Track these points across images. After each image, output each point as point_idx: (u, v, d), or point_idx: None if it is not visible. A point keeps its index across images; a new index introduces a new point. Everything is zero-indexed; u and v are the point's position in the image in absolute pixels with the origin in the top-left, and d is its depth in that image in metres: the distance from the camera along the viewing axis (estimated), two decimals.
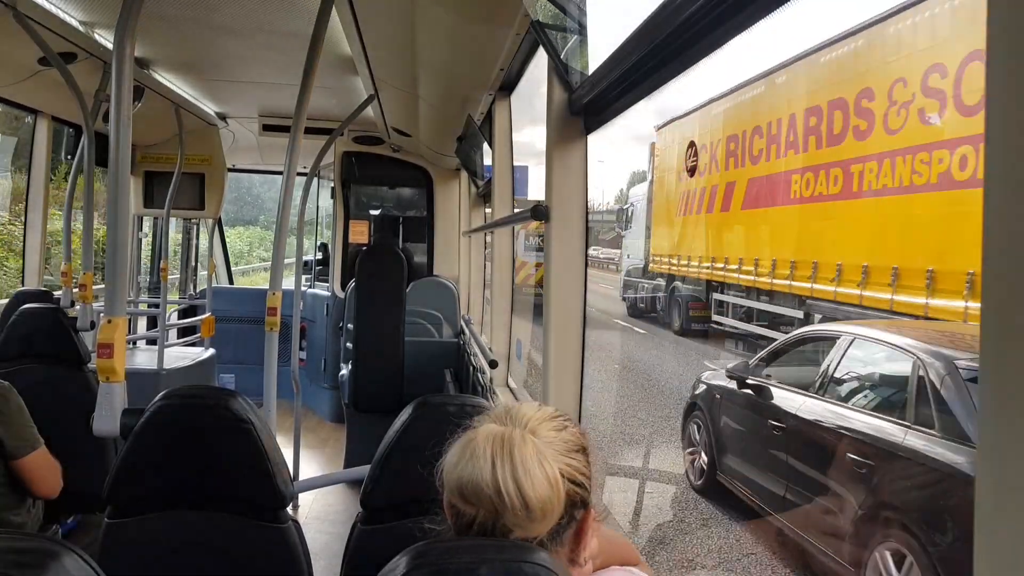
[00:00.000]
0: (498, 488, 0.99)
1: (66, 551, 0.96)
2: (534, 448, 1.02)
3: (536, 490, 1.00)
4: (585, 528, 1.08)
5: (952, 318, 6.21)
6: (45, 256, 5.57)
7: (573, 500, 1.05)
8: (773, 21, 1.20)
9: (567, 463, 1.05)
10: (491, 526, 1.00)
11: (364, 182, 7.13)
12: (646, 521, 5.81)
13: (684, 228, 12.79)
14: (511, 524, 0.99)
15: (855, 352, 5.15)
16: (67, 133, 6.11)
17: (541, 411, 1.11)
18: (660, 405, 9.20)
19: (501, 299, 4.12)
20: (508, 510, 0.99)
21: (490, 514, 1.00)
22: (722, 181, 11.17)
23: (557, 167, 2.22)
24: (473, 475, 1.00)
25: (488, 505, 0.99)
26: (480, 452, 1.01)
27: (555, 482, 1.02)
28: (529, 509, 0.99)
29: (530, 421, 1.07)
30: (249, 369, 6.09)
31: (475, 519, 1.01)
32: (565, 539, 1.06)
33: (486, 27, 2.88)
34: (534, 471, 1.00)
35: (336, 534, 4.23)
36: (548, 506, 1.01)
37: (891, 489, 4.22)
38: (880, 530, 4.14)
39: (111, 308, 2.35)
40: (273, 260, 3.61)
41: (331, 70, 4.38)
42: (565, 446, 1.07)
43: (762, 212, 10.14)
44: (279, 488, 1.84)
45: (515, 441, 1.02)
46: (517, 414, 1.09)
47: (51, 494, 2.64)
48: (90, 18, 3.79)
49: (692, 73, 1.49)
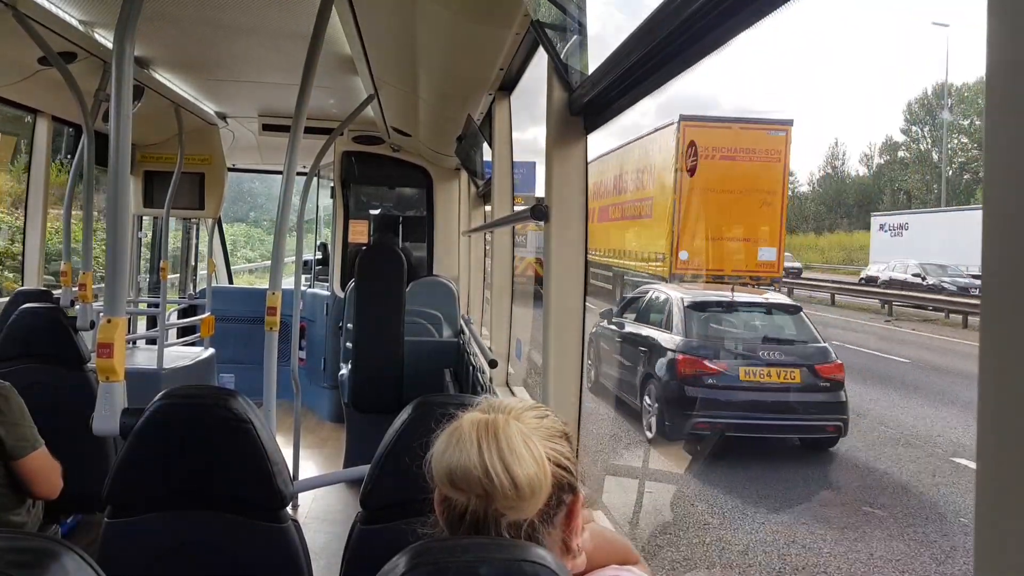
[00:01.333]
0: (486, 469, 1.00)
1: (66, 551, 0.96)
2: (518, 430, 1.05)
3: (524, 468, 1.01)
4: (575, 511, 1.10)
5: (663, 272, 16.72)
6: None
7: (561, 483, 1.07)
8: (773, 22, 1.21)
9: (551, 447, 1.08)
10: (483, 513, 1.01)
11: (364, 182, 7.13)
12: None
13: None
14: (503, 507, 1.01)
15: (652, 298, 10.29)
16: (67, 133, 6.11)
17: (524, 403, 1.15)
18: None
19: (501, 299, 4.12)
20: (498, 491, 1.00)
21: (481, 500, 1.01)
22: (594, 206, 20.51)
23: (557, 167, 2.22)
24: (461, 460, 1.02)
25: (478, 489, 1.01)
26: (466, 437, 1.03)
27: (541, 460, 1.04)
28: (518, 488, 1.01)
29: (513, 409, 1.10)
30: (249, 369, 6.09)
31: (467, 508, 1.02)
32: (557, 522, 1.07)
33: (486, 26, 2.88)
34: (520, 450, 1.02)
35: (336, 534, 4.23)
36: (536, 483, 1.02)
37: (650, 360, 9.03)
38: (647, 382, 8.96)
39: (111, 308, 2.35)
40: (273, 260, 3.61)
41: (331, 70, 4.38)
42: (548, 432, 1.10)
43: (604, 225, 21.31)
44: (279, 488, 1.84)
45: (499, 424, 1.05)
46: (500, 404, 1.12)
47: (51, 494, 2.64)
48: (90, 17, 3.79)
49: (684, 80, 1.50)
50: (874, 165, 51.40)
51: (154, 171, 6.63)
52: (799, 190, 55.02)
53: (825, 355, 8.54)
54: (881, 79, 70.38)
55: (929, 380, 11.76)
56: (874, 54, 70.85)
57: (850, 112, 76.44)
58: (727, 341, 9.06)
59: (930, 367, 12.76)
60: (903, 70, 74.31)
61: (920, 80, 79.50)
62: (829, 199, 51.82)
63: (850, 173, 53.19)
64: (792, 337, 8.89)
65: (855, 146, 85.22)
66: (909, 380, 11.75)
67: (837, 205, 51.11)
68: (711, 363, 8.37)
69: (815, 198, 52.75)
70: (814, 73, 74.89)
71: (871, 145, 64.18)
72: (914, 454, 8.38)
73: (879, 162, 51.07)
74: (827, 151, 59.55)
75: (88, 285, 4.79)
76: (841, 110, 77.24)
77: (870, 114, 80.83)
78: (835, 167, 54.01)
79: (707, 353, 8.57)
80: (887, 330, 17.10)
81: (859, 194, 50.45)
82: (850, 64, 73.72)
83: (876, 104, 76.96)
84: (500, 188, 3.95)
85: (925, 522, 6.54)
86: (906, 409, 10.09)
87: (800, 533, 6.26)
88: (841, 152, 55.27)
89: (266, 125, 6.17)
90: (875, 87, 72.48)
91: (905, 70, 75.37)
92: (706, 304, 9.49)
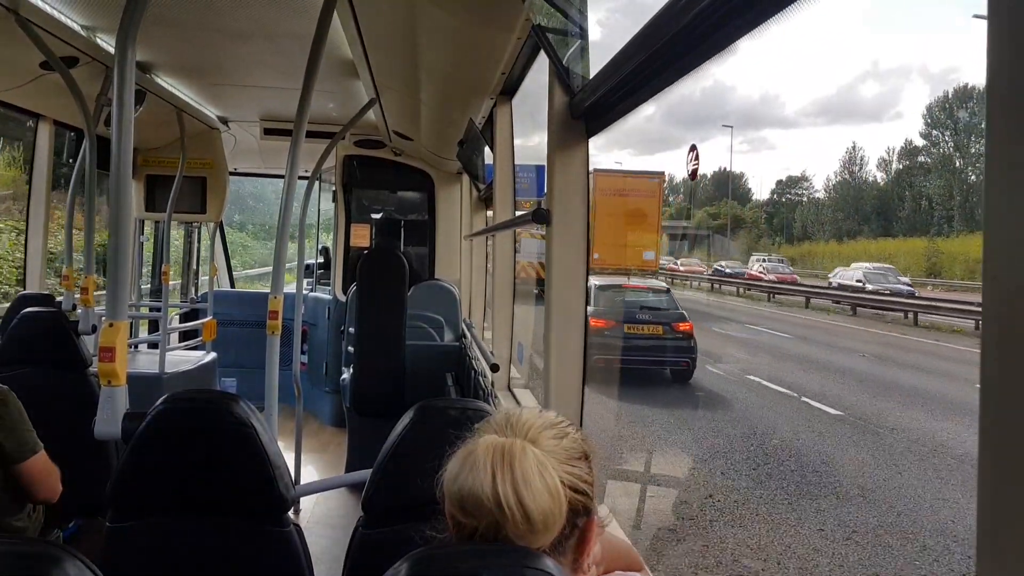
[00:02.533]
0: (499, 500, 0.98)
1: (68, 556, 0.96)
2: (535, 459, 1.01)
3: (537, 502, 0.99)
4: (588, 536, 1.07)
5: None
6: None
7: (575, 509, 1.04)
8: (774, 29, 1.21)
9: (568, 471, 1.04)
10: (492, 538, 0.99)
11: (365, 186, 7.14)
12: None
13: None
14: (513, 536, 0.98)
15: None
16: (68, 137, 6.12)
17: (542, 418, 1.10)
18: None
19: (502, 303, 4.12)
20: (509, 522, 0.98)
21: (491, 527, 0.98)
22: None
23: (559, 171, 2.22)
24: (473, 487, 0.99)
25: (489, 517, 0.98)
26: (480, 464, 1.00)
27: (556, 492, 1.01)
28: (531, 521, 0.98)
29: (531, 430, 1.06)
30: (250, 373, 6.09)
31: (476, 531, 0.99)
32: (568, 548, 1.05)
33: (487, 31, 2.88)
34: (535, 483, 0.99)
35: (337, 538, 4.22)
36: (550, 518, 1.00)
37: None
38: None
39: (113, 312, 2.35)
40: (275, 264, 3.61)
41: (332, 74, 4.39)
42: (566, 454, 1.06)
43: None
44: (281, 492, 1.84)
45: (515, 453, 1.01)
46: (517, 423, 1.08)
47: (51, 499, 2.64)
48: (92, 22, 3.80)
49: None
50: (892, 171, 50.84)
51: (156, 175, 6.64)
52: (815, 196, 54.47)
53: (682, 317, 13.30)
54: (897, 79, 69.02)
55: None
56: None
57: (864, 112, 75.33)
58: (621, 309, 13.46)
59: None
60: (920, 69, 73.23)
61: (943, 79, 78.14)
62: (847, 205, 51.36)
63: (867, 179, 52.60)
64: (660, 306, 13.69)
65: (874, 150, 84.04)
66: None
67: (855, 211, 50.56)
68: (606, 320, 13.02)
69: (831, 204, 52.24)
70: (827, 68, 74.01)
71: (890, 149, 63.03)
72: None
73: (898, 167, 50.37)
74: (844, 155, 58.49)
75: (90, 289, 4.80)
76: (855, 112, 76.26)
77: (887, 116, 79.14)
78: (852, 172, 53.56)
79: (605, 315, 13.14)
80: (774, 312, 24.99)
81: (878, 200, 49.89)
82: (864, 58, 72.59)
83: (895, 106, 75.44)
84: (501, 192, 3.95)
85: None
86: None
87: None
88: (859, 157, 54.67)
89: (268, 129, 6.18)
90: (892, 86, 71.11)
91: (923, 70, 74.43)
92: (608, 286, 14.42)
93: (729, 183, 58.03)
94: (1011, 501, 0.52)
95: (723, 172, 60.48)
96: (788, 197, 57.65)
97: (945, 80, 78.19)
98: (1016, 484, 0.51)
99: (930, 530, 6.97)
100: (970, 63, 58.02)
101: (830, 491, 7.98)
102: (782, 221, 55.53)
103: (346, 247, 7.04)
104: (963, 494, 7.75)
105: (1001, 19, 0.53)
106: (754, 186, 72.87)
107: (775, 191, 58.93)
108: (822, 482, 8.24)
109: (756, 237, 52.11)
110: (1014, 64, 0.53)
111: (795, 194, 57.69)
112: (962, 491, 7.85)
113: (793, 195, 57.76)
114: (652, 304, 13.57)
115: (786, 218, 55.66)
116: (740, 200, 58.07)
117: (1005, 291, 0.53)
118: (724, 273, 36.25)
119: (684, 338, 12.85)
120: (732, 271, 36.78)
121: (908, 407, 11.45)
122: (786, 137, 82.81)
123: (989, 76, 0.54)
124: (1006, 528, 0.52)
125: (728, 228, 51.04)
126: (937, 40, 74.81)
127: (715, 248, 47.41)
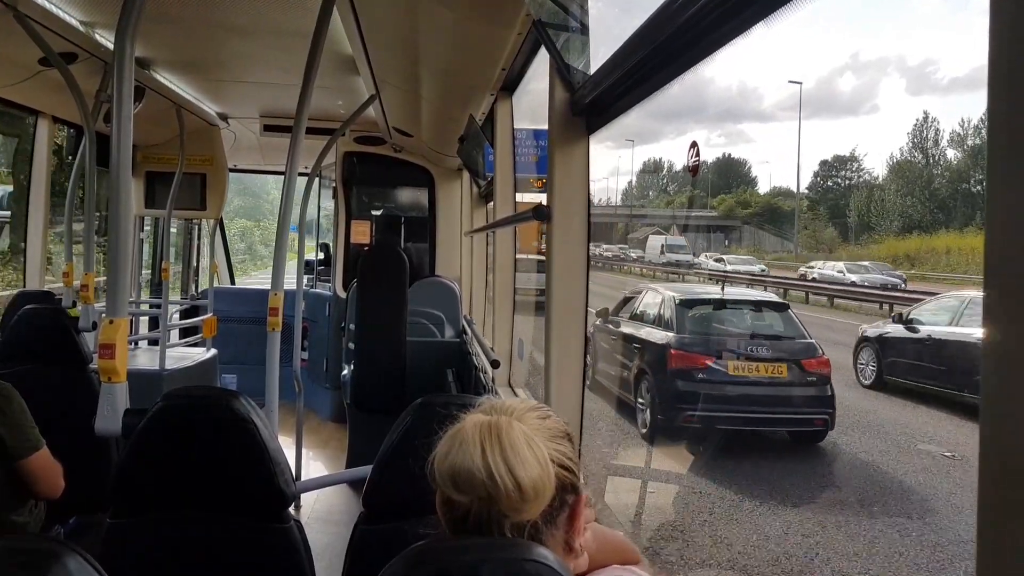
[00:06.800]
0: (490, 472, 1.00)
1: (68, 552, 0.96)
2: (521, 431, 1.05)
3: (527, 470, 1.01)
4: (578, 512, 1.10)
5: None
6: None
7: (563, 484, 1.07)
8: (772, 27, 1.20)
9: (554, 448, 1.08)
10: (486, 515, 1.01)
11: (366, 182, 7.13)
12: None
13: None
14: (506, 509, 1.01)
15: (646, 298, 10.58)
16: (68, 134, 6.11)
17: (524, 403, 1.15)
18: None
19: (503, 299, 4.12)
20: (501, 494, 1.00)
21: (484, 502, 1.00)
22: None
23: (559, 167, 2.21)
24: (464, 462, 1.01)
25: (481, 491, 1.00)
26: (469, 439, 1.03)
27: (545, 463, 1.04)
28: (522, 490, 1.00)
29: (515, 411, 1.10)
30: (251, 369, 6.09)
31: (469, 510, 1.01)
32: (560, 523, 1.08)
33: (488, 27, 2.88)
34: (523, 452, 1.02)
35: (338, 534, 4.22)
36: (540, 485, 1.02)
37: (644, 357, 9.40)
38: (641, 376, 9.34)
39: (113, 309, 2.35)
40: (275, 260, 3.61)
41: (332, 70, 4.38)
42: (550, 432, 1.10)
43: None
44: (281, 488, 1.84)
45: (502, 427, 1.04)
46: (502, 406, 1.12)
47: (53, 495, 2.64)
48: (91, 18, 3.79)
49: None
50: (968, 147, 36.23)
51: (155, 172, 6.63)
52: (872, 177, 40.20)
53: (811, 350, 8.78)
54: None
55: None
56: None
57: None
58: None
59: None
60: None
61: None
62: (918, 191, 37.27)
63: (940, 160, 37.81)
64: (779, 332, 9.22)
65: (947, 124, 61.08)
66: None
67: (928, 199, 38.77)
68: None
69: (899, 190, 37.96)
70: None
71: (964, 122, 42.12)
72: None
73: (973, 143, 36.16)
74: (912, 131, 41.08)
75: (90, 286, 4.80)
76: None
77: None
78: (925, 150, 38.58)
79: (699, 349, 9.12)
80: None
81: (952, 185, 36.77)
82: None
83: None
84: (502, 188, 3.95)
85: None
86: None
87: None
88: (932, 132, 39.19)
89: (267, 126, 6.17)
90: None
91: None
92: (696, 300, 10.31)
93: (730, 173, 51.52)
94: (1011, 501, 0.52)
95: (726, 158, 54.93)
96: (835, 181, 43.24)
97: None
98: (1016, 484, 0.51)
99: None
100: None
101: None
102: (833, 208, 40.86)
103: (346, 244, 7.04)
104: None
105: (1001, 19, 0.53)
106: (765, 173, 65.50)
107: (819, 173, 44.30)
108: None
109: (803, 226, 39.73)
110: (1014, 64, 0.52)
111: (843, 177, 42.19)
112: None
113: (842, 178, 42.41)
114: (766, 331, 9.21)
115: (836, 205, 40.91)
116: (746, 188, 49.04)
117: (1005, 291, 0.53)
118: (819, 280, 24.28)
119: (818, 382, 8.51)
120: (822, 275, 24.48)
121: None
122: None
123: (990, 76, 0.54)
124: (1006, 528, 0.52)
125: (765, 219, 38.67)
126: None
127: (761, 243, 36.93)
